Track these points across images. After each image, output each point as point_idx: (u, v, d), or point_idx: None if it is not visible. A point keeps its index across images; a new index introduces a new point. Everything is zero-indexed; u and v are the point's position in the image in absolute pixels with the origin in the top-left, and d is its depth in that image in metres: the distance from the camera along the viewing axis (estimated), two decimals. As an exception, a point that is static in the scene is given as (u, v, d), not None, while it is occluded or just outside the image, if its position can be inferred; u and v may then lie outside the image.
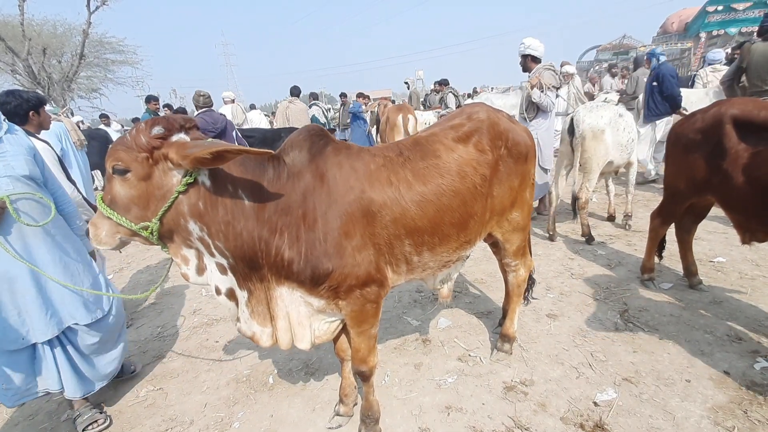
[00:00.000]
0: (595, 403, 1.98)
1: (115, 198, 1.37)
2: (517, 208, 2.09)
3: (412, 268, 1.78)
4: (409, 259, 1.73)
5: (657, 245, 3.03)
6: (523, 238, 2.24)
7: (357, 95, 9.86)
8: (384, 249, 1.63)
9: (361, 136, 8.73)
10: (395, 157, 1.69)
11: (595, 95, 8.10)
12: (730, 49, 7.38)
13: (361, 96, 9.76)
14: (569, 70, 6.50)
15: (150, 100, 7.89)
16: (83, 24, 15.74)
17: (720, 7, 12.66)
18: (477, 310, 2.96)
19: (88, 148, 4.85)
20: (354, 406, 2.06)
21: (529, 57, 4.18)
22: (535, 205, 4.58)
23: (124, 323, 2.36)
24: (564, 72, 5.81)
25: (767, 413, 1.83)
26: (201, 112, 4.78)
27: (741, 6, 12.41)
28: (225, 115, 5.25)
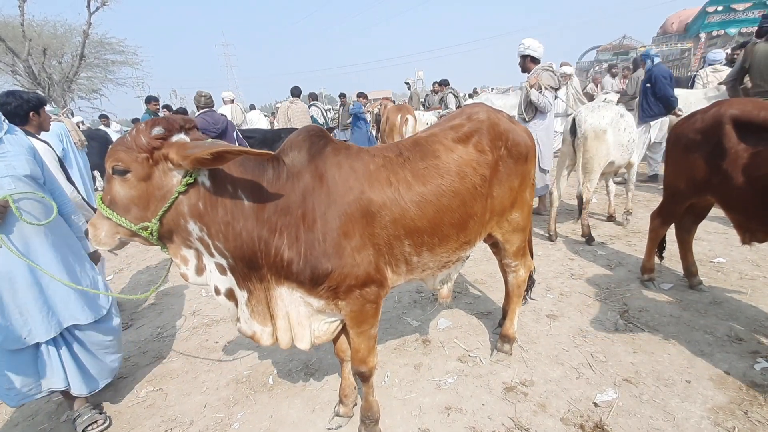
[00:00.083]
0: (595, 404, 1.98)
1: (115, 198, 1.37)
2: (517, 208, 2.09)
3: (412, 268, 1.78)
4: (409, 260, 1.73)
5: (657, 245, 3.03)
6: (523, 238, 2.24)
7: (357, 95, 9.85)
8: (383, 249, 1.63)
9: (362, 136, 8.73)
10: (395, 157, 1.69)
11: (595, 95, 8.10)
12: (730, 49, 7.37)
13: (361, 96, 9.76)
14: (567, 70, 6.51)
15: (150, 100, 7.89)
16: (83, 25, 15.75)
17: (720, 8, 12.66)
18: (477, 311, 2.96)
19: (88, 148, 4.86)
20: (354, 406, 2.06)
21: (529, 57, 4.19)
22: (535, 205, 4.58)
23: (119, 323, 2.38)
24: (562, 73, 5.82)
25: (767, 414, 1.83)
26: (202, 113, 4.78)
27: (741, 6, 12.41)
28: (226, 116, 5.26)
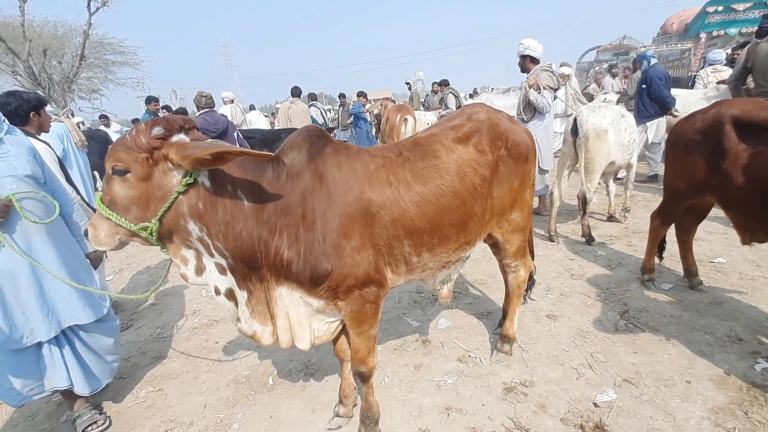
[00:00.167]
0: (596, 404, 1.98)
1: (115, 198, 1.36)
2: (517, 208, 2.09)
3: (412, 268, 1.78)
4: (409, 260, 1.73)
5: (657, 246, 3.03)
6: (523, 238, 2.24)
7: (357, 94, 9.84)
8: (383, 249, 1.62)
9: (363, 136, 8.73)
10: (395, 157, 1.69)
11: (595, 95, 8.09)
12: (730, 49, 7.37)
13: (360, 95, 9.75)
14: (565, 71, 6.50)
15: (150, 101, 7.89)
16: (84, 25, 15.74)
17: (720, 8, 12.64)
18: (477, 311, 2.96)
19: (88, 148, 4.86)
20: (354, 407, 2.06)
21: (528, 58, 4.19)
22: (534, 205, 4.58)
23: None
24: (560, 73, 5.82)
25: (768, 414, 1.83)
26: (203, 113, 4.78)
27: (741, 6, 12.39)
28: (226, 116, 5.26)
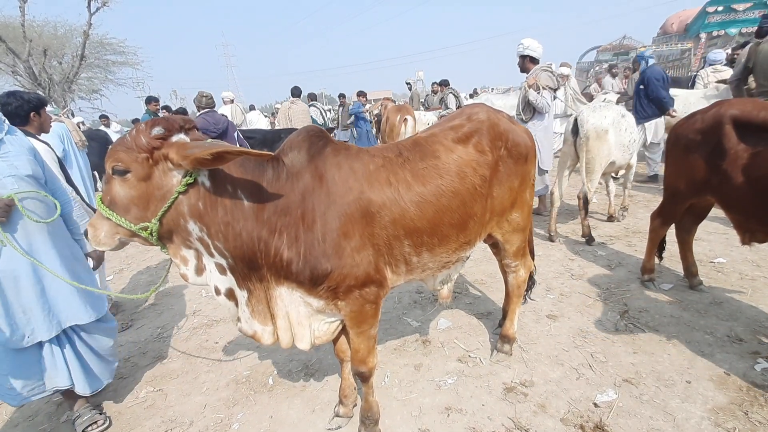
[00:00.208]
0: (595, 404, 1.98)
1: (115, 199, 1.37)
2: (517, 208, 2.09)
3: (412, 268, 1.78)
4: (409, 260, 1.73)
5: (657, 246, 3.03)
6: (523, 238, 2.24)
7: (357, 93, 9.83)
8: (383, 249, 1.63)
9: (365, 136, 8.73)
10: (394, 157, 1.69)
11: (594, 96, 8.09)
12: (730, 49, 7.36)
13: (360, 95, 9.74)
14: (564, 71, 6.50)
15: (150, 101, 7.89)
16: (84, 25, 15.72)
17: (720, 8, 12.64)
18: (477, 311, 2.96)
19: (88, 149, 4.86)
20: (354, 407, 2.06)
21: (528, 58, 4.19)
22: (534, 205, 4.58)
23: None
24: (559, 73, 5.82)
25: (768, 414, 1.83)
26: (203, 113, 4.79)
27: (741, 7, 12.39)
28: (226, 116, 5.26)
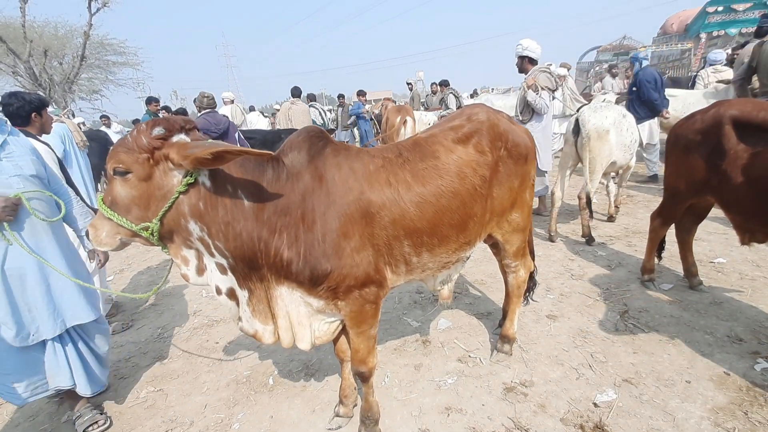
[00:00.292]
0: (595, 404, 1.98)
1: (116, 199, 1.37)
2: (517, 209, 2.10)
3: (412, 268, 1.78)
4: (409, 260, 1.73)
5: (657, 246, 3.03)
6: (523, 239, 2.24)
7: (357, 93, 9.82)
8: (383, 250, 1.63)
9: (367, 137, 8.74)
10: (394, 158, 1.69)
11: (593, 95, 8.09)
12: (730, 49, 7.37)
13: (360, 94, 9.73)
14: (561, 71, 6.50)
15: (150, 101, 7.90)
16: (84, 26, 15.71)
17: (720, 8, 12.64)
18: (477, 311, 2.96)
19: (88, 149, 4.86)
20: (354, 407, 2.06)
21: (526, 59, 4.19)
22: (534, 205, 4.58)
23: None
24: (556, 74, 5.82)
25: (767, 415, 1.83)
26: (204, 113, 4.80)
27: (741, 7, 12.39)
28: (227, 116, 5.27)
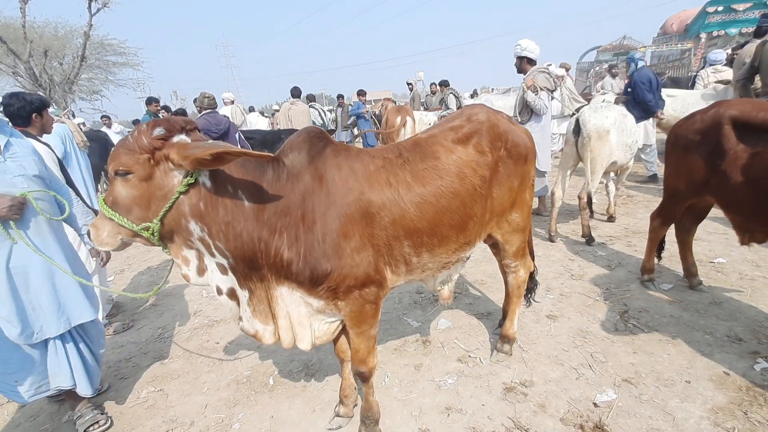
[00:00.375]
0: (595, 404, 1.99)
1: (117, 199, 1.38)
2: (516, 209, 2.10)
3: (412, 269, 1.78)
4: (408, 260, 1.74)
5: (657, 246, 3.03)
6: (523, 239, 2.24)
7: (357, 93, 9.81)
8: (383, 250, 1.63)
9: (371, 136, 8.73)
10: (394, 158, 1.69)
11: (592, 95, 8.09)
12: (730, 49, 7.37)
13: (360, 94, 9.72)
14: (558, 72, 6.50)
15: (151, 101, 7.90)
16: (84, 26, 15.71)
17: (720, 8, 12.64)
18: (477, 311, 2.96)
19: (89, 150, 4.86)
20: (354, 407, 2.06)
21: (525, 59, 4.19)
22: (534, 206, 4.58)
23: None
24: (554, 74, 5.81)
25: (767, 414, 1.83)
26: (205, 114, 4.81)
27: (741, 7, 12.39)
28: (228, 117, 5.28)
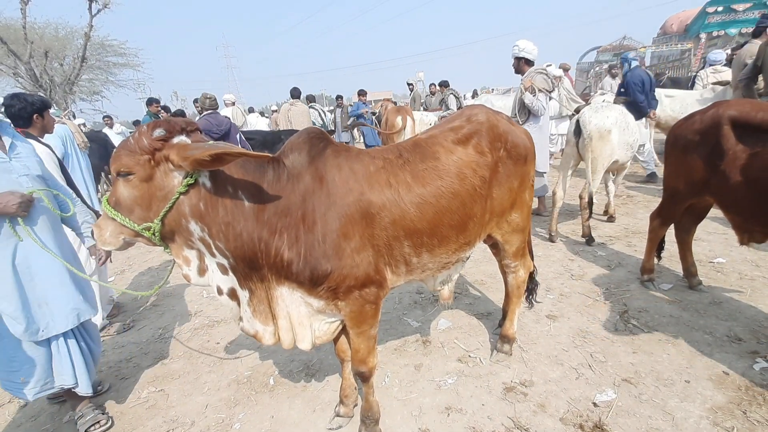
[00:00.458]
0: (595, 404, 1.99)
1: (119, 199, 1.39)
2: (516, 209, 2.10)
3: (412, 269, 1.79)
4: (409, 261, 1.74)
5: (656, 246, 3.03)
6: (523, 239, 2.25)
7: (358, 93, 9.81)
8: (383, 250, 1.64)
9: (372, 136, 8.73)
10: (395, 159, 1.70)
11: (592, 95, 8.09)
12: (730, 50, 7.37)
13: (361, 94, 9.72)
14: (556, 72, 6.51)
15: (151, 102, 7.92)
16: (85, 27, 15.74)
17: (720, 8, 12.66)
18: (477, 311, 2.97)
19: (89, 150, 4.87)
20: (354, 407, 2.07)
21: (523, 60, 4.19)
22: (534, 206, 4.58)
23: None
24: (552, 75, 5.80)
25: (767, 414, 1.84)
26: (206, 114, 4.82)
27: (741, 7, 12.40)
28: (229, 118, 5.29)
